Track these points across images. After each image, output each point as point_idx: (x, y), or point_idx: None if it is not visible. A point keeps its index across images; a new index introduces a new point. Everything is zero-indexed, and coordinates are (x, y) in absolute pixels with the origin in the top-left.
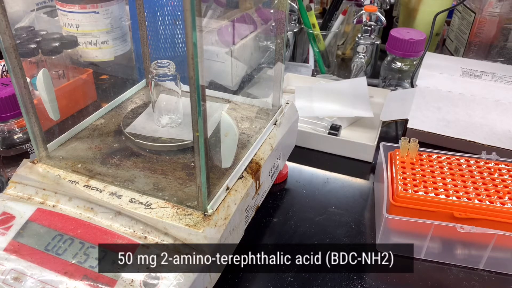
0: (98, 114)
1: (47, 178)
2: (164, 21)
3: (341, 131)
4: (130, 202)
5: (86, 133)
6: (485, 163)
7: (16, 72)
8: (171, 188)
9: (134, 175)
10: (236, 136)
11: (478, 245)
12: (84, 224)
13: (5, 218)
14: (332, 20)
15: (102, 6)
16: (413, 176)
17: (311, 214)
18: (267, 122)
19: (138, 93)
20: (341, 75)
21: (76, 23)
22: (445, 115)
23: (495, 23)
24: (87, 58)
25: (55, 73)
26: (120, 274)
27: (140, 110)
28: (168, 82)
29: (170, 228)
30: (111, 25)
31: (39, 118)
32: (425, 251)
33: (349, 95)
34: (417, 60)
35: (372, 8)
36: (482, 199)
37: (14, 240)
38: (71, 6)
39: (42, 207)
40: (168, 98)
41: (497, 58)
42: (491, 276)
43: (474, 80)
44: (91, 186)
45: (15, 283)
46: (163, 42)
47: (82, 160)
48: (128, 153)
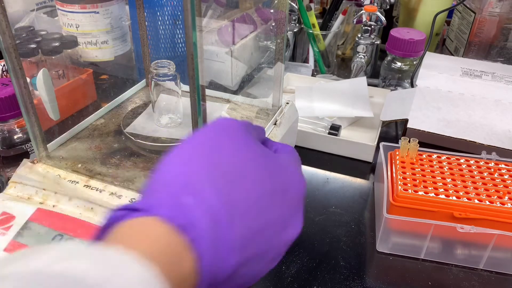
0: (98, 114)
1: (47, 178)
2: (164, 21)
3: (341, 131)
4: (130, 202)
5: (86, 133)
6: (485, 163)
7: (16, 72)
8: None
9: (134, 175)
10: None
11: (478, 245)
12: (84, 224)
13: (5, 218)
14: (332, 20)
15: (102, 6)
16: (413, 176)
17: (311, 214)
18: (267, 122)
19: (138, 93)
20: (341, 75)
21: (76, 23)
22: (445, 115)
23: (495, 23)
24: (87, 58)
25: (55, 73)
26: None
27: (140, 110)
28: (168, 82)
29: None
30: (111, 25)
31: (39, 118)
32: (425, 251)
33: (349, 95)
34: (417, 60)
35: (372, 8)
36: (482, 199)
37: (14, 240)
38: (71, 6)
39: (42, 207)
40: (168, 98)
41: (497, 58)
42: (491, 276)
43: (474, 80)
44: (91, 186)
45: None
46: (163, 42)
47: (82, 160)
48: (128, 153)
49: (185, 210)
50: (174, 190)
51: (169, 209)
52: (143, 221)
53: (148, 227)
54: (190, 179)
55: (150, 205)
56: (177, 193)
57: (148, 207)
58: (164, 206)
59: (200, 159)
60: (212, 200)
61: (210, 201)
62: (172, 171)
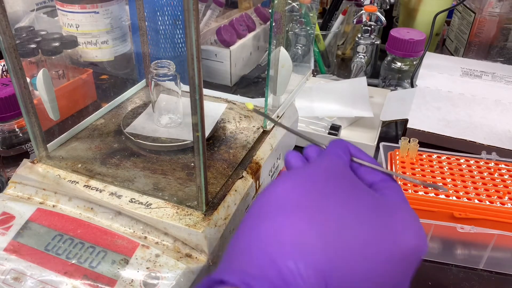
0: (98, 114)
1: (47, 178)
2: (164, 21)
3: (341, 131)
4: (130, 202)
5: (86, 133)
6: (485, 163)
7: (16, 72)
8: (171, 188)
9: (134, 175)
10: (290, 68)
11: (478, 245)
12: (84, 224)
13: (5, 218)
14: (332, 20)
15: (102, 6)
16: (413, 176)
17: None
18: (266, 122)
19: (138, 93)
20: (341, 75)
21: (76, 23)
22: (445, 115)
23: (495, 23)
24: (87, 58)
25: (55, 73)
26: (120, 274)
27: (140, 110)
28: (168, 82)
29: (170, 228)
30: (111, 25)
31: (39, 118)
32: None
33: (349, 95)
34: (417, 60)
35: (372, 8)
36: (482, 199)
37: (14, 240)
38: (71, 6)
39: (42, 207)
40: (168, 98)
41: (497, 58)
42: (491, 276)
43: (474, 80)
44: (91, 186)
45: (15, 283)
46: (163, 42)
47: (82, 160)
48: (128, 153)
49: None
50: (277, 254)
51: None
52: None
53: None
54: (300, 239)
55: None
56: (282, 257)
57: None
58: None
59: (309, 214)
60: (323, 266)
61: (322, 268)
62: (275, 227)
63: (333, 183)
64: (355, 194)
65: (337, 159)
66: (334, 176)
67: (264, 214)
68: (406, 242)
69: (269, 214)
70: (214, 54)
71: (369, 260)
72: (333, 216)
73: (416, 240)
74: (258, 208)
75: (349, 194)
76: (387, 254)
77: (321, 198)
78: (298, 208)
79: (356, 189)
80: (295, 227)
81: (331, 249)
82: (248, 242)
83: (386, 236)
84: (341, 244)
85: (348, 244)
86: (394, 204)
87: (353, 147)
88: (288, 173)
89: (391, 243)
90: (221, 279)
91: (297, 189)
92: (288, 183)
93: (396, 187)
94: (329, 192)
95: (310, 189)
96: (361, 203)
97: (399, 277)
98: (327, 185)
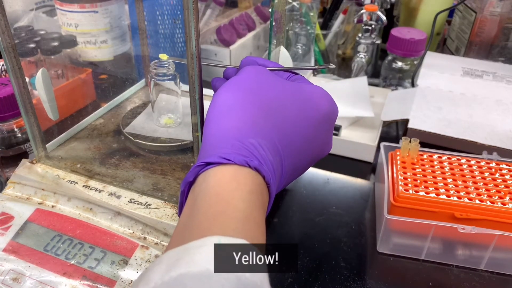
0: (97, 114)
1: (46, 178)
2: (164, 21)
3: (342, 131)
4: (129, 202)
5: (85, 133)
6: (486, 163)
7: (15, 72)
8: (171, 188)
9: (133, 175)
10: (290, 66)
11: (479, 246)
12: (83, 224)
13: (4, 219)
14: (332, 19)
15: (101, 5)
16: (414, 176)
17: (311, 214)
18: None
19: (138, 92)
20: (342, 74)
21: (75, 23)
22: (446, 115)
23: (496, 22)
24: (86, 58)
25: (54, 73)
26: (120, 274)
27: (139, 110)
28: (168, 82)
29: (170, 228)
30: (110, 24)
31: (38, 118)
32: (425, 251)
33: (349, 95)
34: (418, 59)
35: (373, 8)
36: (483, 199)
37: (13, 241)
38: (70, 6)
39: (41, 207)
40: (168, 98)
41: (498, 58)
42: (492, 276)
43: (475, 80)
44: (90, 186)
45: (14, 283)
46: (162, 42)
47: (81, 160)
48: (127, 153)
49: (255, 152)
50: (241, 135)
51: (246, 155)
52: (234, 169)
53: (239, 171)
54: (254, 124)
55: (228, 155)
56: (245, 136)
57: (232, 158)
58: (239, 153)
59: (254, 101)
60: (274, 138)
61: (273, 139)
62: (233, 118)
63: (261, 77)
64: (280, 82)
65: (256, 66)
66: (261, 74)
67: (220, 112)
68: (324, 107)
69: (223, 111)
70: (214, 54)
71: (303, 126)
72: (272, 99)
73: (330, 105)
74: (213, 108)
75: (276, 83)
76: (313, 119)
77: (258, 89)
78: (245, 101)
79: (279, 80)
80: (247, 114)
81: (275, 122)
82: (216, 135)
83: (311, 106)
84: (281, 118)
85: (286, 116)
86: (307, 85)
87: (259, 59)
88: (226, 83)
89: (315, 110)
90: (205, 162)
91: (238, 91)
92: (233, 84)
93: (303, 78)
94: (262, 85)
95: (248, 86)
96: (287, 87)
97: (323, 135)
98: (259, 80)
